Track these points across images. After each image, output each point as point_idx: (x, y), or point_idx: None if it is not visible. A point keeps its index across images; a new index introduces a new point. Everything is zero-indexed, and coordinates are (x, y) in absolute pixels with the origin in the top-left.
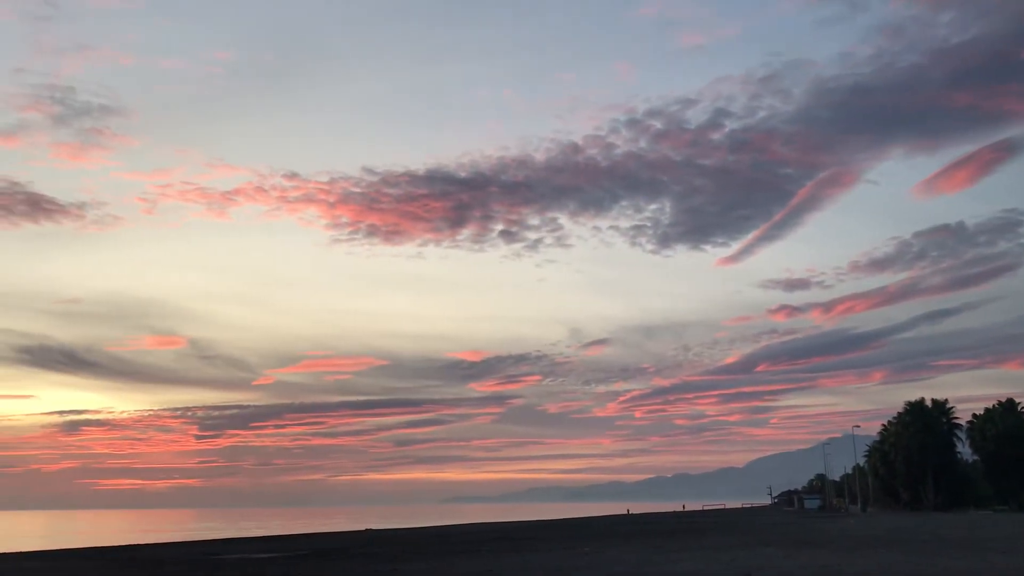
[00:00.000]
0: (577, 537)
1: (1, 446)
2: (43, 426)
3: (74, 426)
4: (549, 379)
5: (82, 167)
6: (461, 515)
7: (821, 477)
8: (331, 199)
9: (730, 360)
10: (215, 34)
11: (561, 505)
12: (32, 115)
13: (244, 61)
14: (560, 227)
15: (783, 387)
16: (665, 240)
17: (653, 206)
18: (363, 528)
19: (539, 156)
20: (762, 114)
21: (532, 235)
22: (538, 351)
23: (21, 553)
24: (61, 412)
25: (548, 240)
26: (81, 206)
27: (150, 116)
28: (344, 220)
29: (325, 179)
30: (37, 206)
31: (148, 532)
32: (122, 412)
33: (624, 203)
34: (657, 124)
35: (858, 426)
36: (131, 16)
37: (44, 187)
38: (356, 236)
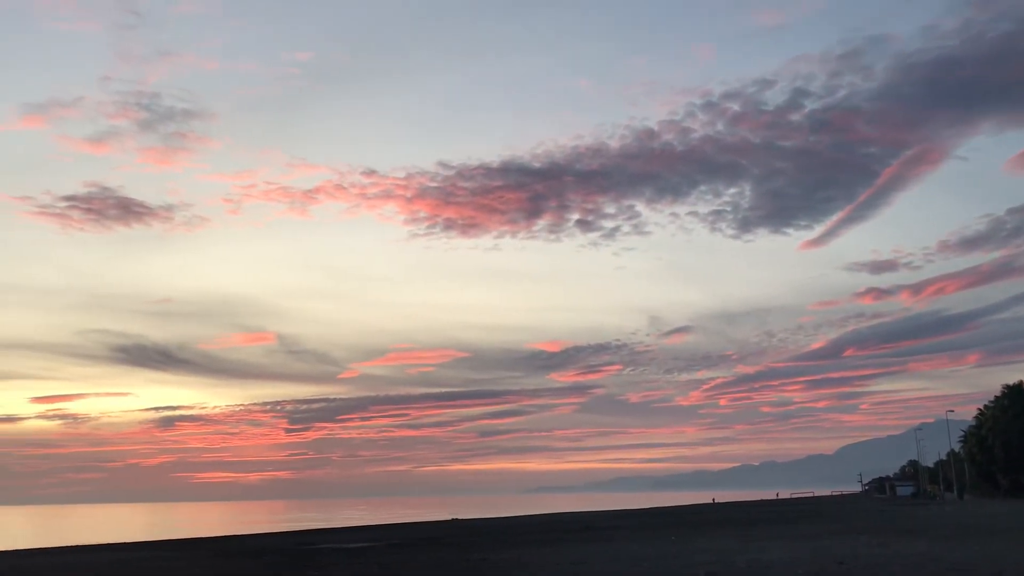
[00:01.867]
0: (663, 526)
1: (102, 441)
2: (140, 422)
3: (169, 422)
4: (630, 368)
5: (168, 171)
6: (545, 505)
7: (914, 463)
8: (408, 194)
9: (816, 345)
10: (292, 35)
11: (645, 494)
12: (120, 122)
13: (321, 61)
14: (637, 214)
15: (872, 372)
16: (746, 224)
17: (732, 190)
18: (450, 518)
19: (614, 144)
20: (843, 92)
21: (609, 223)
22: (618, 340)
23: (127, 544)
24: (157, 408)
25: (625, 228)
26: (169, 208)
27: (232, 118)
28: (421, 215)
29: (402, 175)
30: (128, 210)
31: (244, 524)
32: (214, 407)
33: (702, 188)
34: (734, 106)
35: (952, 411)
36: (211, 21)
37: (133, 191)
38: (433, 230)
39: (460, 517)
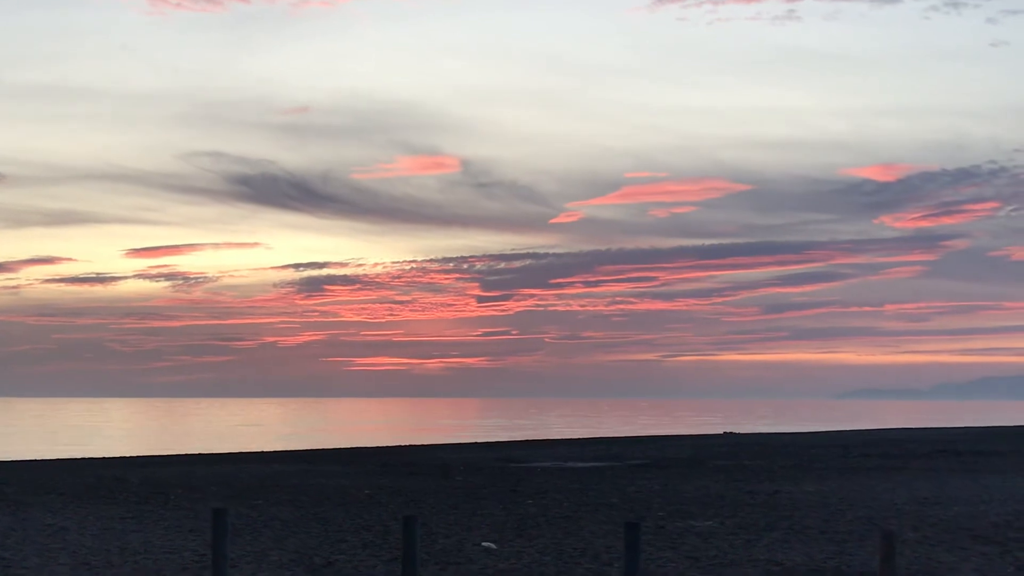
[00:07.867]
0: None
1: (227, 312)
2: (275, 284)
3: (315, 284)
4: (1012, 206)
5: None
6: (870, 415)
7: None
8: None
9: None
10: None
11: None
12: None
13: None
14: None
15: None
16: None
17: None
18: (720, 431)
19: None
20: None
21: None
22: (992, 161)
23: (274, 452)
24: (296, 266)
25: None
26: None
27: None
28: None
29: None
30: None
31: (421, 431)
32: (376, 264)
33: None
34: None
35: None
36: None
37: None
38: None
39: (736, 430)
